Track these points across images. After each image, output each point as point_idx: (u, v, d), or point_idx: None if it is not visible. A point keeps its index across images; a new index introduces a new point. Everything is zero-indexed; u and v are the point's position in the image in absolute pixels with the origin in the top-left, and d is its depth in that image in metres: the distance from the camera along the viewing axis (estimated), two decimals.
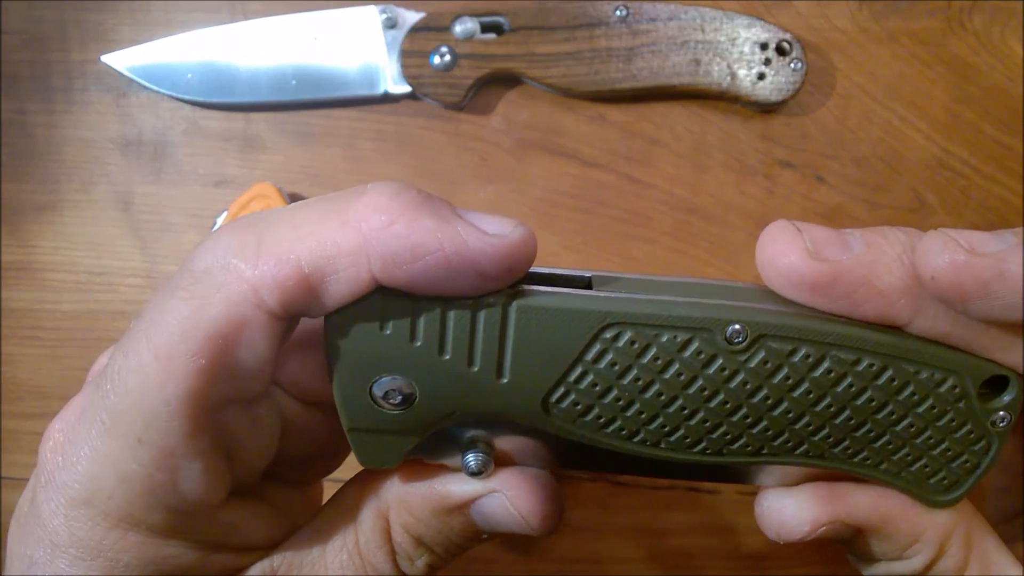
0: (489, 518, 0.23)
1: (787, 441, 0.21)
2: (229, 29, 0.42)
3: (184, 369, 0.19)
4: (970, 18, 0.43)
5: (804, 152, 0.43)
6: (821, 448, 0.21)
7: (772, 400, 0.20)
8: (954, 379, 0.21)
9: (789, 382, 0.20)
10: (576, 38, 0.41)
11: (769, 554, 0.41)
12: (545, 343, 0.20)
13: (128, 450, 0.19)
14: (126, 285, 0.43)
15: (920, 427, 0.21)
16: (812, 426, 0.21)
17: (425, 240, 0.19)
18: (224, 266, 0.20)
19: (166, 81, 0.42)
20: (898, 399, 0.21)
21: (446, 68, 0.41)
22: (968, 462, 0.22)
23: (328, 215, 0.19)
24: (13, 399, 0.43)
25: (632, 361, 0.20)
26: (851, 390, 0.20)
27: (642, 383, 0.20)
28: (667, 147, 0.43)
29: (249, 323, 0.19)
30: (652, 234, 0.43)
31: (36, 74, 0.44)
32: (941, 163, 0.43)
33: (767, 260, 0.20)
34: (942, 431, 0.21)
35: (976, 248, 0.19)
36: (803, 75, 0.41)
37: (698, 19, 0.41)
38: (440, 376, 0.20)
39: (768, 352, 0.20)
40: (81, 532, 0.20)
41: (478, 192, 0.43)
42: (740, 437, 0.21)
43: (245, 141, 0.43)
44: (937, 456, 0.21)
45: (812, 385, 0.20)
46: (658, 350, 0.20)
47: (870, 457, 0.21)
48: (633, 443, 0.21)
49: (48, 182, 0.43)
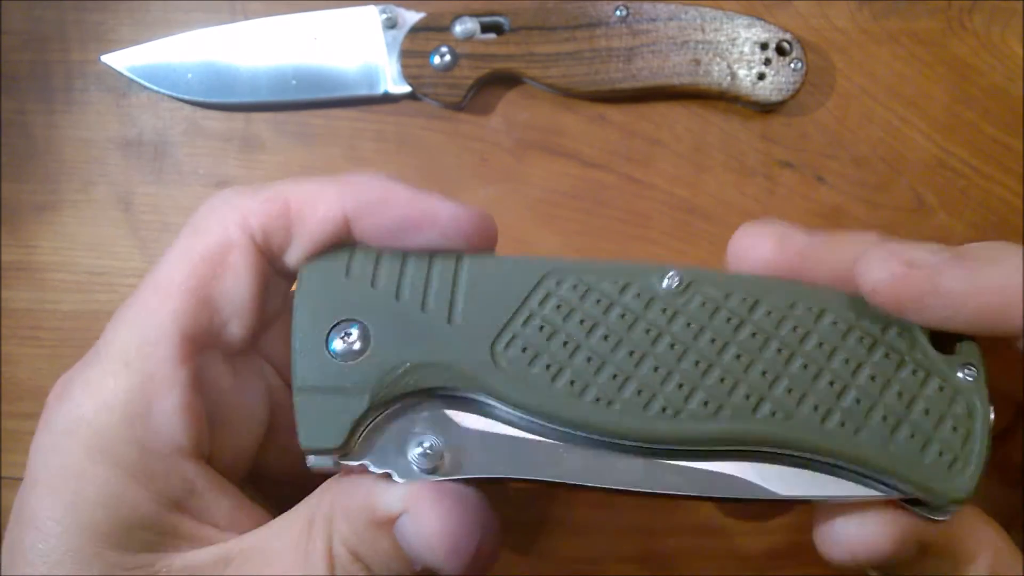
0: (404, 539, 0.21)
1: (747, 396, 0.21)
2: (229, 29, 0.42)
3: (176, 291, 0.21)
4: (970, 18, 0.43)
5: (804, 152, 0.43)
6: (787, 408, 0.21)
7: (718, 343, 0.21)
8: (899, 326, 0.21)
9: (730, 323, 0.21)
10: (576, 38, 0.41)
11: (769, 555, 0.41)
12: (493, 290, 0.22)
13: (112, 375, 0.21)
14: (126, 285, 0.43)
15: (881, 379, 0.21)
16: (766, 374, 0.21)
17: (397, 196, 0.22)
18: (224, 201, 0.22)
19: (166, 81, 0.42)
20: (846, 345, 0.21)
21: (446, 68, 0.41)
22: (956, 429, 0.21)
23: (322, 178, 0.22)
24: (13, 399, 0.43)
25: (575, 304, 0.21)
26: (795, 333, 0.21)
27: (586, 325, 0.21)
28: (667, 147, 0.43)
29: (235, 247, 0.22)
30: (652, 234, 0.43)
31: (36, 74, 0.44)
32: (941, 163, 0.43)
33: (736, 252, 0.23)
34: (906, 384, 0.21)
35: (913, 262, 0.20)
36: (803, 75, 0.41)
37: (698, 19, 0.41)
38: (395, 320, 0.21)
39: (704, 296, 0.21)
40: (54, 462, 0.21)
41: (478, 192, 0.43)
42: (695, 391, 0.21)
43: (245, 141, 0.43)
44: (917, 420, 0.21)
45: (755, 328, 0.21)
46: (599, 293, 0.21)
47: (844, 421, 0.21)
48: (585, 402, 0.21)
49: (48, 182, 0.43)
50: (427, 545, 0.20)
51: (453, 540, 0.20)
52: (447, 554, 0.20)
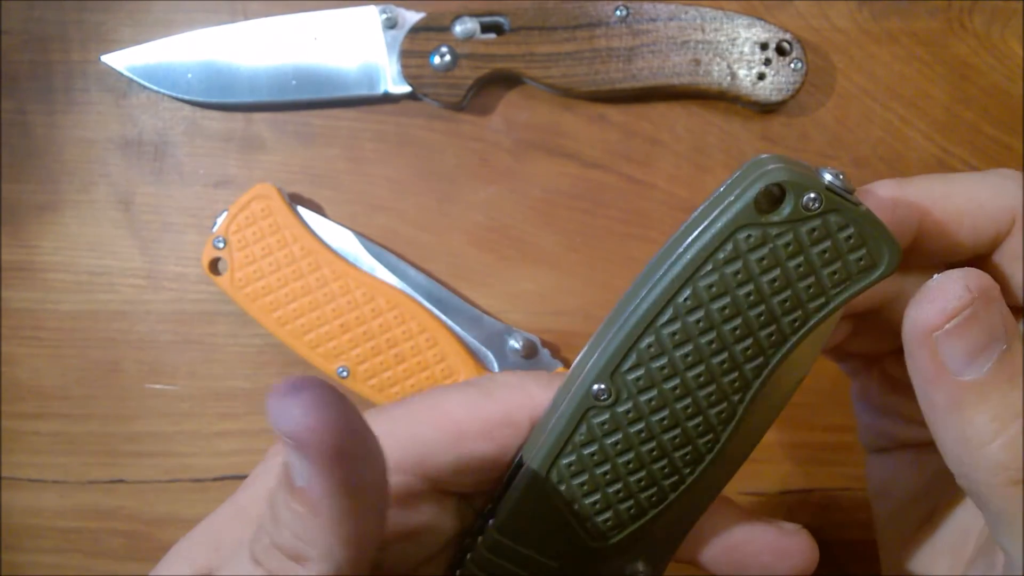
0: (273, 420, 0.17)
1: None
2: (229, 29, 0.42)
3: (455, 430, 0.22)
4: (970, 18, 0.43)
5: (804, 152, 0.43)
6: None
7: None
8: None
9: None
10: (576, 38, 0.41)
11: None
12: None
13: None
14: (126, 285, 0.43)
15: (806, 267, 0.21)
16: (737, 331, 0.21)
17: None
18: (525, 385, 0.23)
19: (166, 81, 0.42)
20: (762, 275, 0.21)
21: (446, 68, 0.41)
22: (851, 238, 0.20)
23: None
24: (13, 399, 0.43)
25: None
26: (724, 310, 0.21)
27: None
28: (667, 147, 0.43)
29: (519, 427, 0.22)
30: (652, 234, 0.43)
31: (36, 74, 0.44)
32: (941, 163, 0.43)
33: None
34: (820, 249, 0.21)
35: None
36: (803, 75, 0.41)
37: (698, 19, 0.41)
38: None
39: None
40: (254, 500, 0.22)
41: (478, 192, 0.43)
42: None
43: (245, 141, 0.43)
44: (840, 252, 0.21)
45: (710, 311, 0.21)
46: None
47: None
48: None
49: (48, 182, 0.43)
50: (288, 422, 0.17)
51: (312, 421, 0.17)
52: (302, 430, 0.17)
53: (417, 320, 0.41)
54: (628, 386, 0.21)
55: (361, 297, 0.41)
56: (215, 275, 0.41)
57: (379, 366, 0.41)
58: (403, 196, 0.43)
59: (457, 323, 0.42)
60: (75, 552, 0.43)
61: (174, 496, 0.43)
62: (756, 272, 0.20)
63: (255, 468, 0.23)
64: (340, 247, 0.42)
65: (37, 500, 0.43)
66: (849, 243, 0.20)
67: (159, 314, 0.43)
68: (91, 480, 0.43)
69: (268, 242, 0.41)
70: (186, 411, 0.43)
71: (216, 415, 0.43)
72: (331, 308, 0.40)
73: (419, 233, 0.43)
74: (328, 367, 0.41)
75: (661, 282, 0.21)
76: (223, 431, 0.43)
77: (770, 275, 0.20)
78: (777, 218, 0.20)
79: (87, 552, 0.43)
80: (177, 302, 0.43)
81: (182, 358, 0.43)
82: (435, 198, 0.43)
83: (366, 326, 0.41)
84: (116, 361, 0.43)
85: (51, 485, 0.43)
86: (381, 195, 0.43)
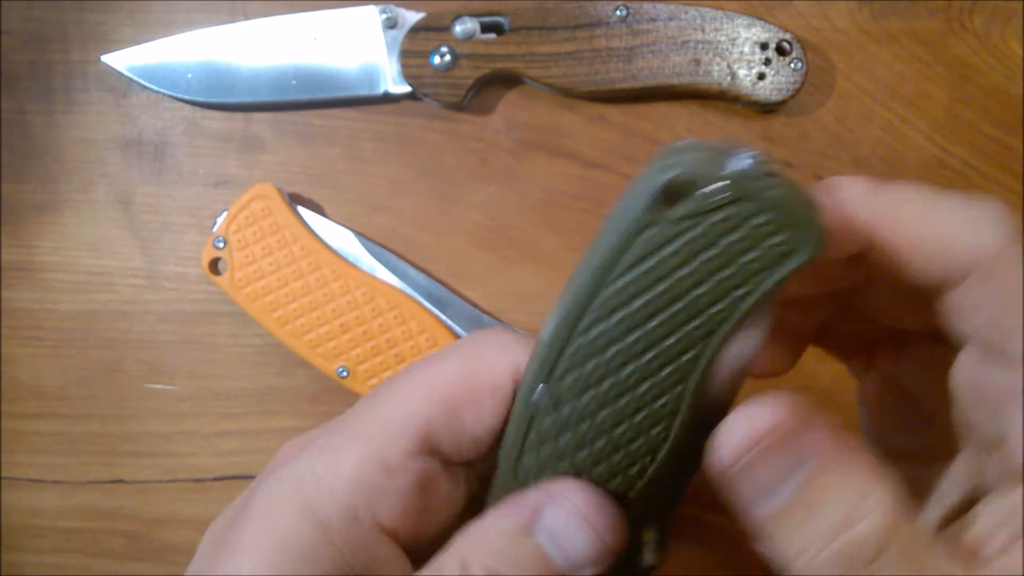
0: (545, 532, 0.21)
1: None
2: (229, 29, 0.42)
3: (436, 398, 0.22)
4: (970, 18, 0.43)
5: (804, 152, 0.43)
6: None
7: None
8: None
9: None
10: (576, 38, 0.41)
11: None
12: None
13: (350, 446, 0.22)
14: (126, 285, 0.43)
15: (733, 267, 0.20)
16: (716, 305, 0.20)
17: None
18: (506, 344, 0.23)
19: (166, 81, 0.42)
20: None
21: (446, 68, 0.41)
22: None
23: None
24: (13, 399, 0.43)
25: None
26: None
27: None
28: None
29: (500, 391, 0.22)
30: None
31: (36, 74, 0.44)
32: (941, 163, 0.43)
33: None
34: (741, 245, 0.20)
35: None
36: (803, 75, 0.41)
37: (698, 19, 0.41)
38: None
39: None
40: (275, 506, 0.22)
41: (478, 192, 0.43)
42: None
43: (245, 141, 0.43)
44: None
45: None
46: None
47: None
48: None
49: (48, 182, 0.43)
50: (572, 534, 0.21)
51: (598, 527, 0.21)
52: (592, 542, 0.21)
53: (417, 320, 0.41)
54: (564, 390, 0.21)
55: (361, 297, 0.41)
56: (215, 275, 0.41)
57: (379, 366, 0.41)
58: (403, 196, 0.43)
59: (457, 323, 0.42)
60: (75, 552, 0.43)
61: (174, 496, 0.43)
62: (670, 268, 0.20)
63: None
64: (340, 247, 0.42)
65: (37, 500, 0.43)
66: (765, 229, 0.19)
67: (159, 314, 0.43)
68: (91, 480, 0.43)
69: (268, 242, 0.41)
70: (186, 411, 0.43)
71: (216, 415, 0.43)
72: (331, 308, 0.40)
73: (419, 233, 0.43)
74: (328, 367, 0.41)
75: (580, 288, 0.21)
76: (223, 431, 0.43)
77: (684, 269, 0.20)
78: (682, 212, 0.20)
79: (87, 552, 0.43)
80: (177, 302, 0.43)
81: (182, 358, 0.43)
82: (435, 198, 0.43)
83: (366, 326, 0.41)
84: (116, 361, 0.43)
85: (51, 485, 0.43)
86: (381, 195, 0.43)
